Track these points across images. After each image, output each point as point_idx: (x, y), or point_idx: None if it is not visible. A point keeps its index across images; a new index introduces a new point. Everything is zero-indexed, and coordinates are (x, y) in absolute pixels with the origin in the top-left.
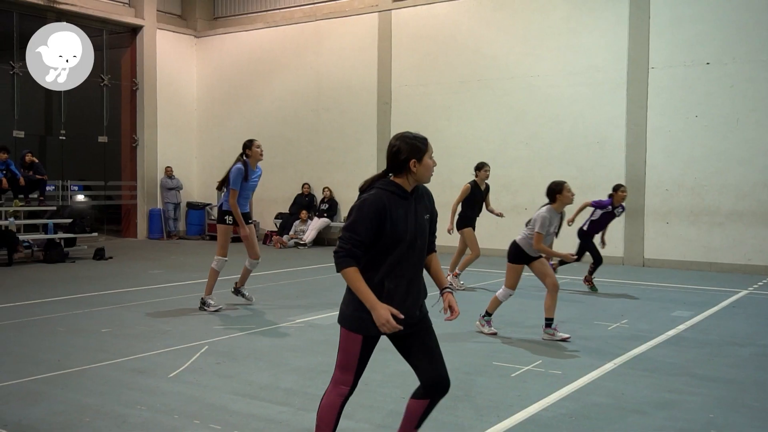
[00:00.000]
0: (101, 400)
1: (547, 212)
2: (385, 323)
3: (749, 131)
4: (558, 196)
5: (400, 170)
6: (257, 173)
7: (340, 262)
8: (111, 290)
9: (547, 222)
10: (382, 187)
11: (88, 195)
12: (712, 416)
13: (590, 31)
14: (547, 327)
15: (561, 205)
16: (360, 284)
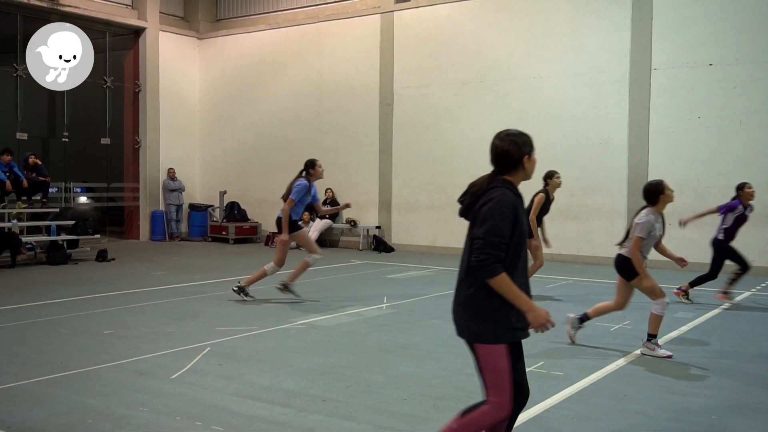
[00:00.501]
0: (104, 402)
1: (649, 216)
2: (545, 323)
3: (752, 132)
4: (661, 196)
5: (513, 168)
6: (314, 188)
7: (491, 269)
8: (113, 292)
9: (649, 226)
10: (503, 186)
11: (91, 197)
12: (715, 417)
13: (593, 32)
14: (648, 341)
15: (663, 205)
16: (514, 288)
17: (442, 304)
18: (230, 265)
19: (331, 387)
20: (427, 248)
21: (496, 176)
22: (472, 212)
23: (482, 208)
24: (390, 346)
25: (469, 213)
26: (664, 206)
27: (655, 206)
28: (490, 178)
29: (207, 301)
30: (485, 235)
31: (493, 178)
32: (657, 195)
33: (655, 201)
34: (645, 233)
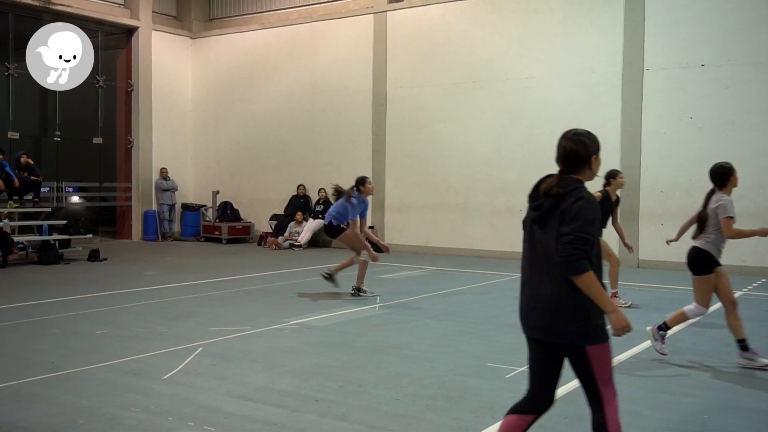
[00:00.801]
0: (96, 402)
1: (723, 196)
2: (625, 326)
3: (744, 133)
4: (731, 178)
5: (581, 168)
6: (366, 204)
7: (579, 266)
8: (106, 292)
9: (732, 206)
10: (581, 185)
11: (83, 196)
12: (707, 417)
13: (585, 32)
14: (744, 351)
15: (730, 189)
16: (600, 288)
17: (435, 304)
18: (223, 265)
19: (324, 387)
20: (420, 248)
21: (565, 176)
22: (554, 214)
23: (572, 206)
24: (383, 346)
25: (548, 215)
26: (730, 190)
27: (723, 189)
28: (562, 179)
29: (200, 301)
30: (576, 231)
31: (568, 179)
32: (727, 177)
33: (724, 184)
34: (733, 211)
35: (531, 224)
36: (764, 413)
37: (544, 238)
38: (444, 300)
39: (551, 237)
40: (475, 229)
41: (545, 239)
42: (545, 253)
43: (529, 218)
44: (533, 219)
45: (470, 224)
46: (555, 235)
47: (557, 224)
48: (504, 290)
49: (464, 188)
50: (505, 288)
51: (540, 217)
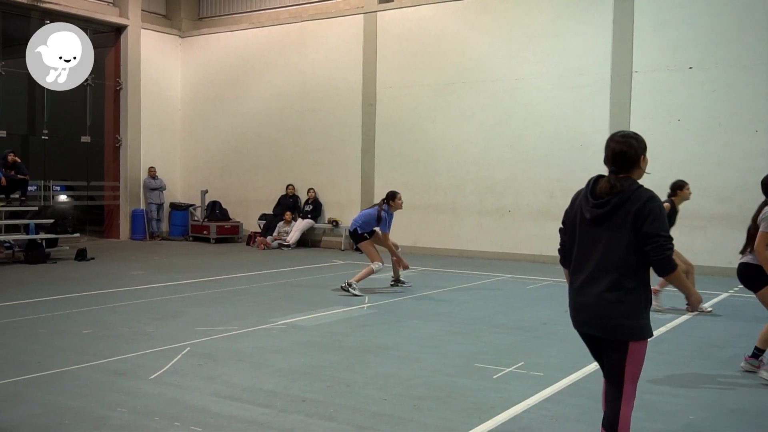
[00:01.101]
0: (81, 402)
1: None
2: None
3: (730, 135)
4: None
5: (630, 168)
6: (391, 217)
7: (673, 264)
8: (93, 291)
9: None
10: (642, 185)
11: (71, 195)
12: (692, 418)
13: (575, 34)
14: (753, 357)
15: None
16: (683, 277)
17: (423, 305)
18: (211, 265)
19: (312, 387)
20: (408, 248)
21: (621, 176)
22: (619, 213)
23: (645, 206)
24: (371, 346)
25: (613, 214)
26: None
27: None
28: (621, 179)
29: (187, 301)
30: (662, 231)
31: (627, 179)
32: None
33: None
34: None
35: (589, 223)
36: (749, 414)
37: (606, 237)
38: (432, 300)
39: (617, 235)
40: (463, 229)
41: (608, 237)
42: (607, 250)
43: (587, 218)
44: (594, 218)
45: (459, 224)
46: (625, 234)
47: (629, 223)
48: (492, 291)
49: (453, 188)
50: (493, 288)
51: (604, 216)
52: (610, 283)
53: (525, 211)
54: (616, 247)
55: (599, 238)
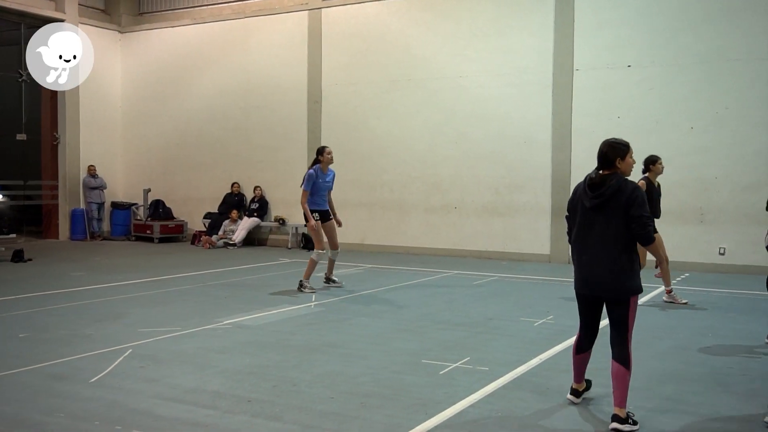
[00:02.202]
0: (17, 408)
1: None
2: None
3: (667, 133)
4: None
5: (610, 166)
6: (330, 175)
7: (651, 236)
8: (29, 294)
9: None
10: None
11: (6, 195)
12: (632, 408)
13: (517, 33)
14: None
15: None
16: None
17: (370, 302)
18: (155, 265)
19: (257, 387)
20: (356, 246)
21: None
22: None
23: (632, 195)
24: (317, 344)
25: (609, 203)
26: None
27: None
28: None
29: (130, 302)
30: (645, 213)
31: (614, 175)
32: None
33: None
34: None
35: (588, 210)
36: (687, 403)
37: (603, 220)
38: (379, 297)
39: (612, 218)
40: (410, 226)
41: (605, 220)
42: (605, 230)
43: (587, 206)
44: (592, 207)
45: (406, 222)
46: (619, 216)
47: (621, 208)
48: (438, 287)
49: (399, 186)
50: (439, 285)
51: (601, 204)
52: (612, 257)
53: (470, 208)
54: (612, 227)
55: (599, 221)
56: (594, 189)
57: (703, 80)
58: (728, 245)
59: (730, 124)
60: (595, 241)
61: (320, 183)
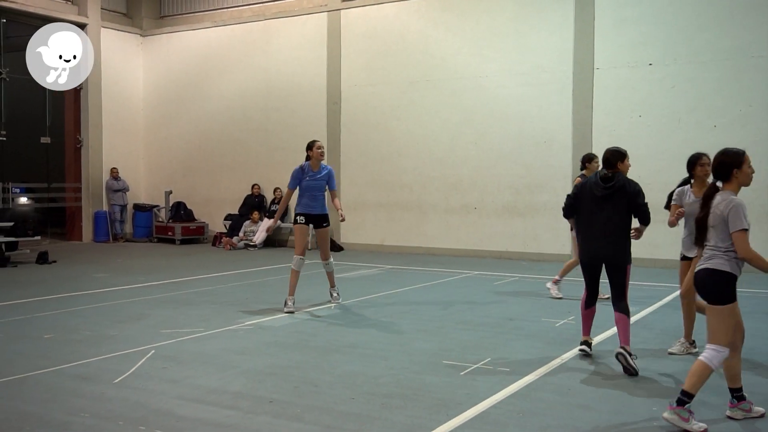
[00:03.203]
0: (43, 408)
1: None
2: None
3: (690, 131)
4: (737, 171)
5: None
6: (322, 173)
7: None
8: (54, 295)
9: (744, 209)
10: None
11: (31, 197)
12: (655, 409)
13: (537, 32)
14: (741, 401)
15: (738, 187)
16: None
17: (390, 303)
18: (176, 267)
19: (279, 388)
20: (375, 247)
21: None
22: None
23: (635, 189)
24: (338, 345)
25: (616, 194)
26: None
27: (730, 186)
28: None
29: (152, 303)
30: (645, 202)
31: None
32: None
33: (728, 178)
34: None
35: (599, 199)
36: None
37: (611, 207)
38: (399, 298)
39: (618, 205)
40: (429, 227)
41: (612, 207)
42: (611, 215)
43: (597, 195)
44: (604, 196)
45: (425, 222)
46: (623, 204)
47: (626, 198)
48: (459, 288)
49: (419, 186)
50: (460, 285)
51: (610, 195)
52: (615, 235)
53: (490, 208)
54: (617, 213)
55: (605, 208)
56: (606, 181)
57: (727, 77)
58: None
59: (755, 121)
60: (603, 223)
61: (309, 182)
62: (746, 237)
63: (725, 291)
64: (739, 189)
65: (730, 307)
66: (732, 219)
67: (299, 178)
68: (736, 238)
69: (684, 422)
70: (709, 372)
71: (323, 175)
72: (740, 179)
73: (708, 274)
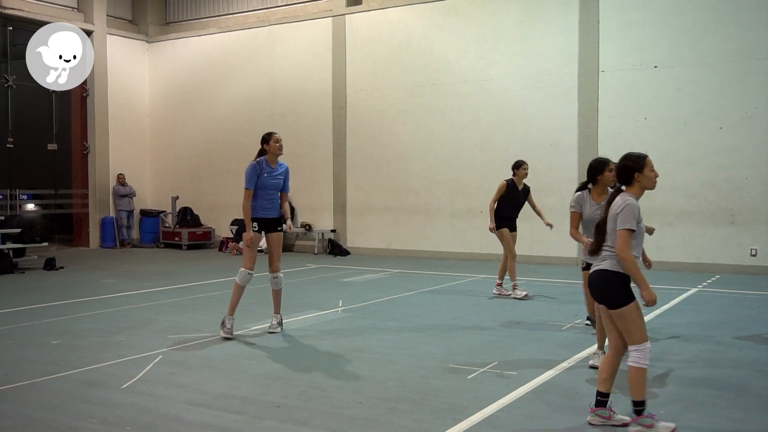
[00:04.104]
0: (51, 414)
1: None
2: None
3: (696, 133)
4: (638, 175)
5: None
6: (279, 170)
7: None
8: (62, 301)
9: (637, 212)
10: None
11: (38, 204)
12: (663, 412)
13: (542, 35)
14: (599, 407)
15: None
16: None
17: (397, 307)
18: (183, 272)
19: (286, 392)
20: (382, 251)
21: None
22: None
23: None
24: (345, 350)
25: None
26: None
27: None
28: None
29: (159, 309)
30: None
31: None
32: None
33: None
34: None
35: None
36: (717, 407)
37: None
38: (406, 302)
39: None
40: (436, 231)
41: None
42: None
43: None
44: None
45: (431, 226)
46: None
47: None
48: (465, 291)
49: (425, 190)
50: (466, 289)
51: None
52: None
53: None
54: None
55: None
56: None
57: (732, 79)
58: (760, 246)
59: (761, 123)
60: None
61: (266, 179)
62: (628, 237)
63: (620, 292)
64: (641, 192)
65: (631, 307)
66: (621, 217)
67: (257, 175)
68: (618, 235)
69: (650, 429)
70: (644, 372)
71: (281, 172)
72: (643, 183)
73: (600, 274)
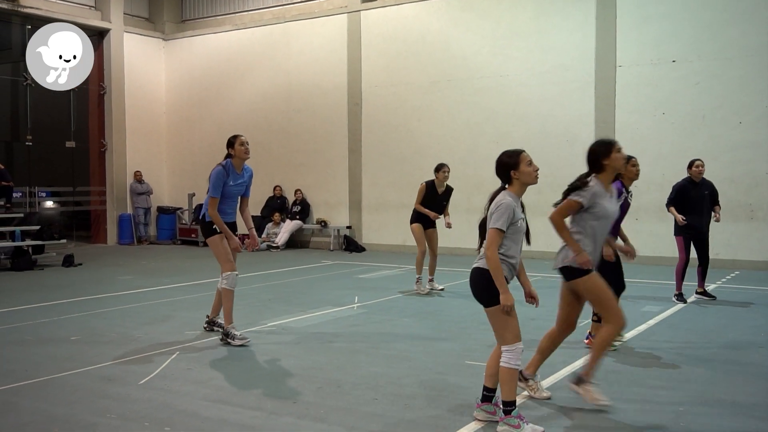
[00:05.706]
0: (70, 410)
1: (507, 199)
2: None
3: (714, 128)
4: (515, 172)
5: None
6: (245, 176)
7: None
8: (80, 297)
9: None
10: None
11: (57, 201)
12: (682, 410)
13: (558, 30)
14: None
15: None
16: None
17: (413, 303)
18: (200, 268)
19: (302, 389)
20: (397, 247)
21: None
22: None
23: None
24: (361, 346)
25: None
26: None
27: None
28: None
29: (176, 305)
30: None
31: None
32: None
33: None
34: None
35: None
36: (738, 405)
37: None
38: (422, 299)
39: None
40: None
41: None
42: None
43: None
44: None
45: None
46: None
47: None
48: None
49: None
50: None
51: None
52: None
53: None
54: None
55: None
56: None
57: (752, 73)
58: None
59: None
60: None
61: (231, 188)
62: (496, 237)
63: (491, 291)
64: (523, 189)
65: (500, 307)
66: (494, 217)
67: (224, 181)
68: (488, 234)
69: (517, 429)
70: (515, 373)
71: (246, 178)
72: (522, 179)
73: (476, 273)
